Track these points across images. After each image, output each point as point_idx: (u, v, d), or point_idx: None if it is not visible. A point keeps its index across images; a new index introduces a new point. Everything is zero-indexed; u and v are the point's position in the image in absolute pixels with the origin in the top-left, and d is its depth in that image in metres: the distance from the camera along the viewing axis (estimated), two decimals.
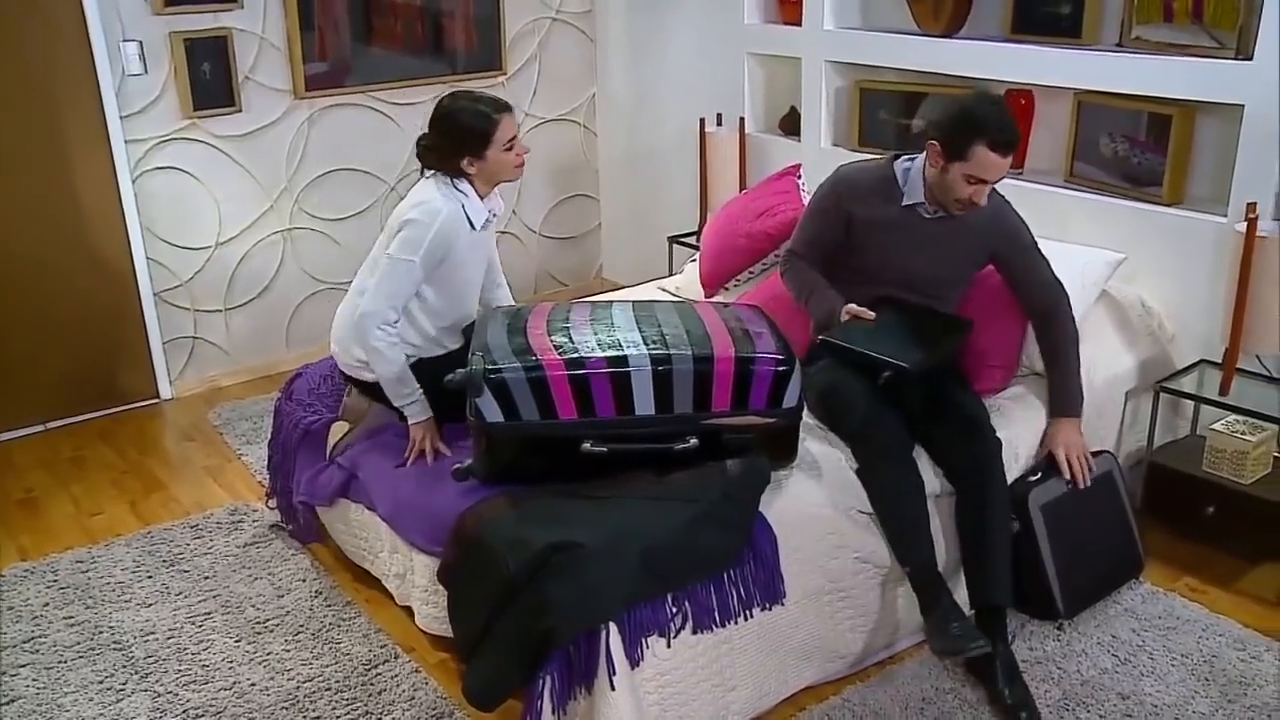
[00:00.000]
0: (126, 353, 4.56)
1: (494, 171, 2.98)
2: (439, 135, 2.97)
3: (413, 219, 2.91)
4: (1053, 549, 2.97)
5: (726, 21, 4.71)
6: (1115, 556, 3.15)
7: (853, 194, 3.08)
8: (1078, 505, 3.03)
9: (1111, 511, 3.16)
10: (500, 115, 2.93)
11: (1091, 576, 3.07)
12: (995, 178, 2.84)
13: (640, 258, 5.46)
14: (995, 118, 2.79)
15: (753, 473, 2.64)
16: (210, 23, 4.40)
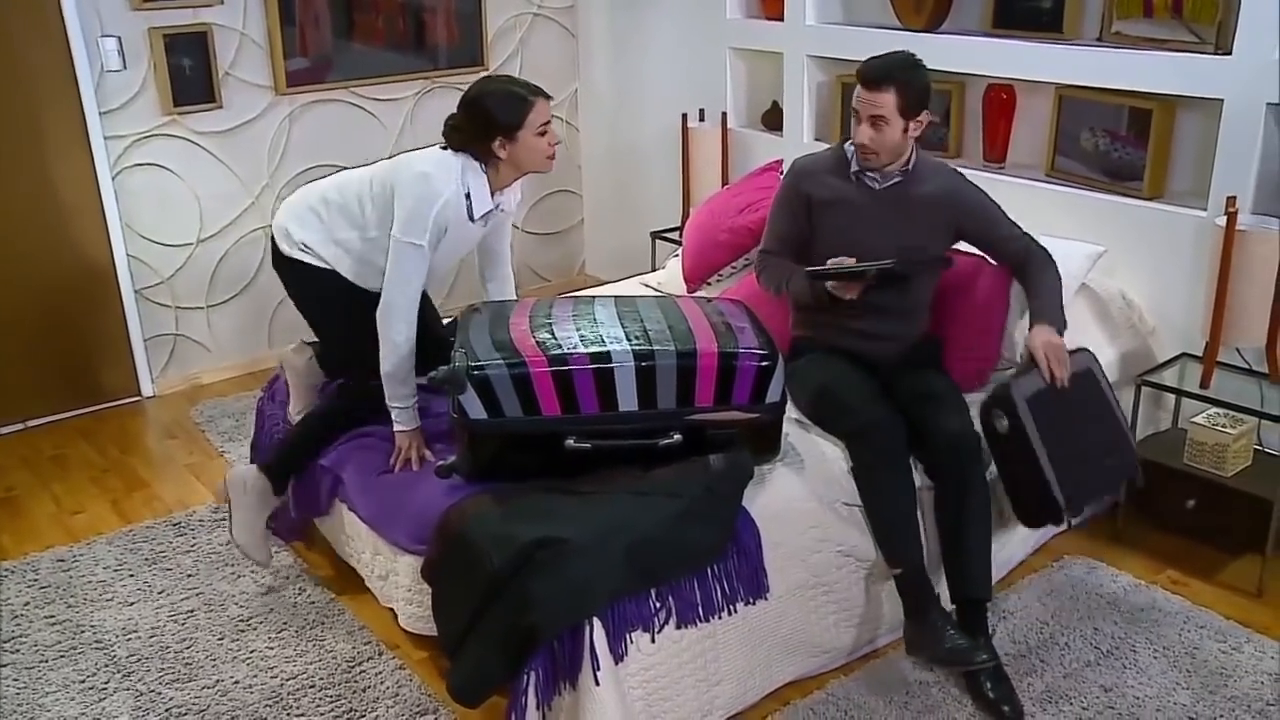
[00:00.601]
0: (108, 350, 4.53)
1: (524, 157, 2.90)
2: (470, 115, 2.88)
3: (414, 197, 2.84)
4: (1044, 440, 2.84)
5: (708, 16, 4.70)
6: (1109, 452, 3.01)
7: (808, 176, 3.13)
8: (1061, 399, 2.90)
9: (1097, 406, 3.03)
10: (535, 98, 2.87)
11: (1089, 471, 2.93)
12: (865, 110, 2.91)
13: (623, 253, 5.46)
14: (871, 59, 2.94)
15: (736, 468, 2.65)
16: (190, 18, 4.38)
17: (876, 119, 2.90)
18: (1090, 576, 3.21)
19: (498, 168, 2.93)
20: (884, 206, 3.03)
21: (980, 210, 3.09)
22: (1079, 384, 2.96)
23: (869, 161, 3.00)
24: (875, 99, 2.88)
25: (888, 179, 3.03)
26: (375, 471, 2.95)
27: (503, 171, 2.94)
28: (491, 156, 2.89)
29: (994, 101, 3.88)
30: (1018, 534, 3.23)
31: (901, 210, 3.03)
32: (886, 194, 3.04)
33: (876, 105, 2.89)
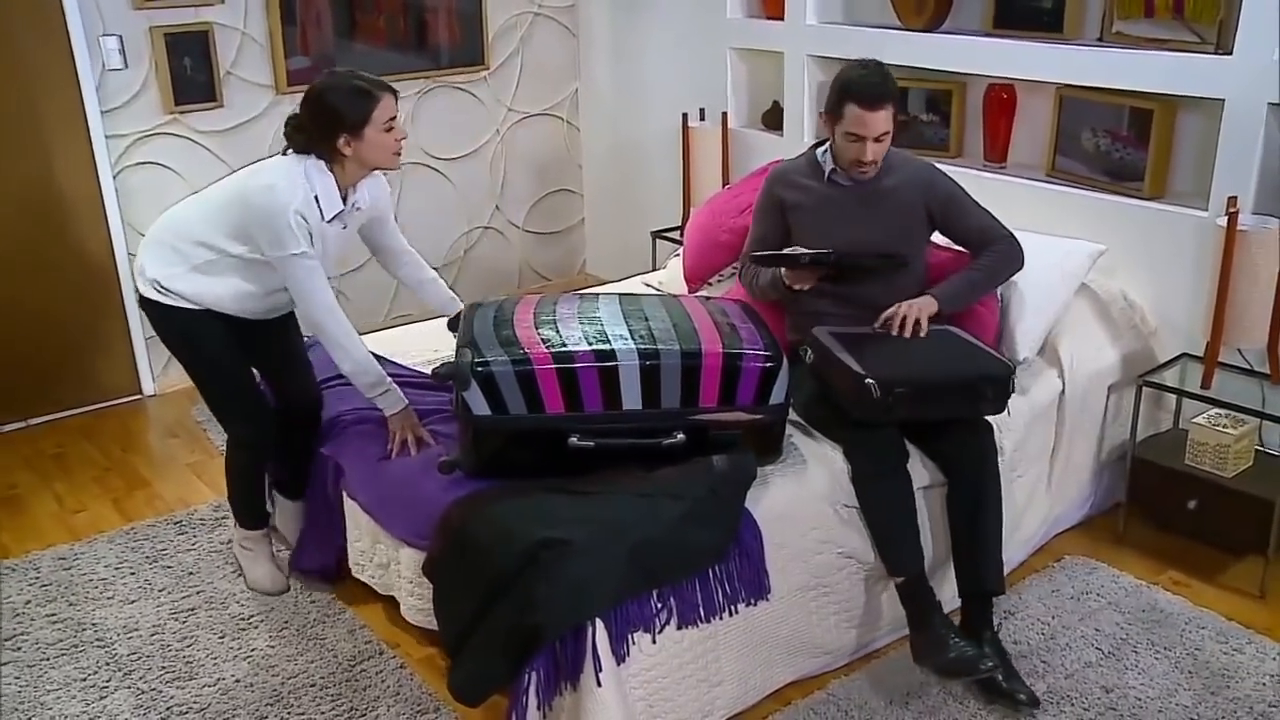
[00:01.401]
0: (108, 349, 4.53)
1: (371, 154, 2.79)
2: (314, 112, 2.77)
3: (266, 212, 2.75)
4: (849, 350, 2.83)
5: (709, 16, 4.70)
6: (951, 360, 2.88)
7: (783, 181, 3.20)
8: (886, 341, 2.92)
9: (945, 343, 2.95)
10: (382, 94, 2.77)
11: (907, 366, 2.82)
12: (871, 133, 2.92)
13: (623, 252, 5.46)
14: (860, 77, 2.92)
15: (739, 469, 2.64)
16: (191, 17, 4.38)
17: (881, 136, 2.95)
18: (1091, 577, 3.21)
19: (344, 165, 2.82)
20: (857, 202, 3.09)
21: (949, 199, 3.12)
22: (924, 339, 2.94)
23: (866, 174, 3.04)
24: (879, 118, 2.92)
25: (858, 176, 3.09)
26: (375, 458, 2.94)
27: (349, 169, 2.83)
28: (337, 154, 2.79)
29: (994, 101, 3.89)
30: (1019, 535, 3.23)
31: (874, 204, 3.08)
32: (857, 189, 3.09)
33: (881, 125, 2.93)
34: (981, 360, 2.87)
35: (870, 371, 2.73)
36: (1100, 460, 3.49)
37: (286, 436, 3.15)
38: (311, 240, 2.81)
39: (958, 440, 2.87)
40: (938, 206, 3.11)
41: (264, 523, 3.25)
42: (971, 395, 2.81)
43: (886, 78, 2.94)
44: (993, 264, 3.09)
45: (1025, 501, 3.25)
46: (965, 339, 2.98)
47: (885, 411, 2.74)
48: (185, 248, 2.93)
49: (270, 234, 2.78)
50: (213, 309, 2.95)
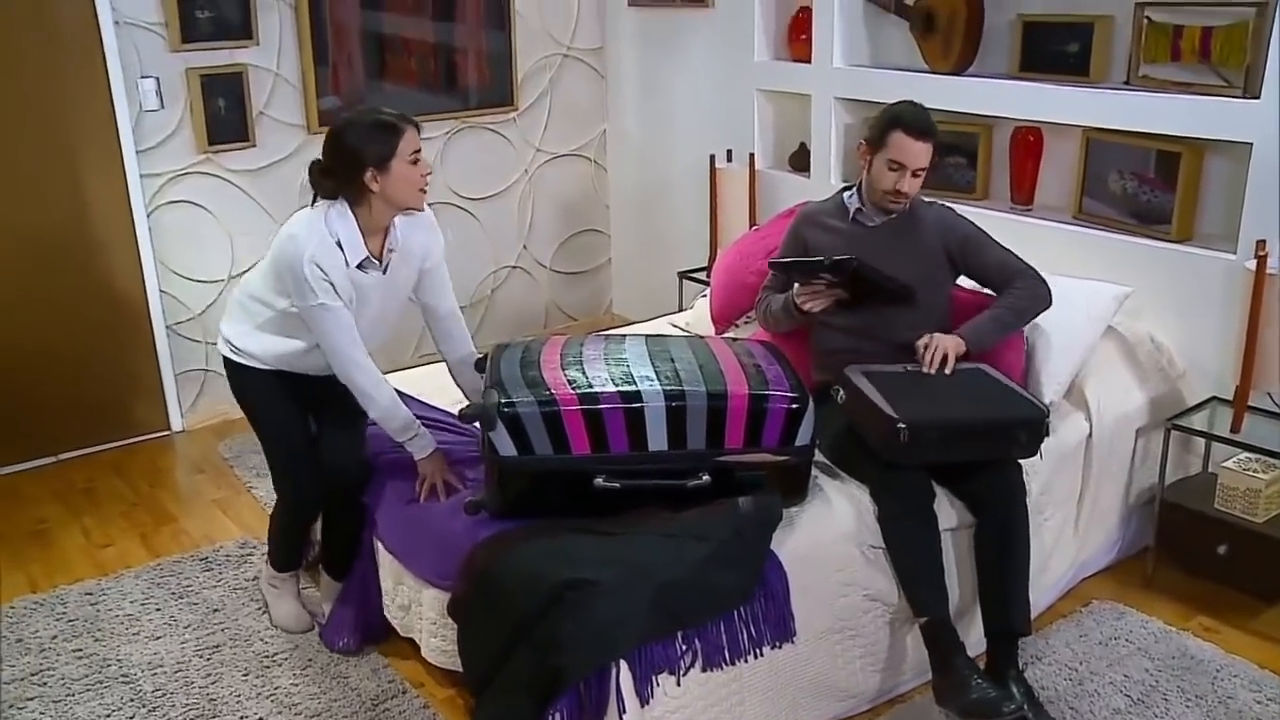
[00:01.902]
0: (139, 384, 4.58)
1: (397, 190, 2.73)
2: (337, 152, 2.74)
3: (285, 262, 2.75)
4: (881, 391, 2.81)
5: (737, 58, 4.74)
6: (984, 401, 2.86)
7: (810, 221, 3.28)
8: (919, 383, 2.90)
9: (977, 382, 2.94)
10: (405, 125, 2.73)
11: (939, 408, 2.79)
12: (914, 164, 3.01)
13: (650, 293, 5.48)
14: (910, 111, 3.04)
15: (764, 510, 2.64)
16: (226, 59, 4.46)
17: (919, 171, 3.04)
18: (1120, 622, 3.17)
19: (370, 205, 2.76)
20: (880, 241, 3.13)
21: (966, 238, 3.15)
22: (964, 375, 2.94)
23: (898, 205, 3.11)
24: (923, 151, 3.01)
25: (882, 216, 3.15)
26: (404, 500, 2.95)
27: (377, 210, 2.77)
28: (364, 192, 2.73)
29: (1021, 144, 3.90)
30: (1045, 578, 3.21)
31: (898, 244, 3.12)
32: (882, 229, 3.15)
33: (923, 158, 3.02)
34: (1015, 403, 2.85)
35: (902, 414, 2.71)
36: (1128, 504, 3.46)
37: (328, 505, 3.09)
38: (336, 290, 2.76)
39: (986, 478, 2.86)
40: (956, 247, 3.14)
41: (295, 566, 3.25)
42: (1004, 438, 2.80)
43: (928, 114, 3.06)
44: (1018, 302, 3.08)
45: (1052, 545, 3.22)
46: (998, 379, 2.96)
47: (915, 454, 2.73)
48: (249, 304, 2.99)
49: (294, 284, 2.76)
50: (278, 368, 2.98)
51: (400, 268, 2.93)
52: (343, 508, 3.06)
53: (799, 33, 4.49)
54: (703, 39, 4.94)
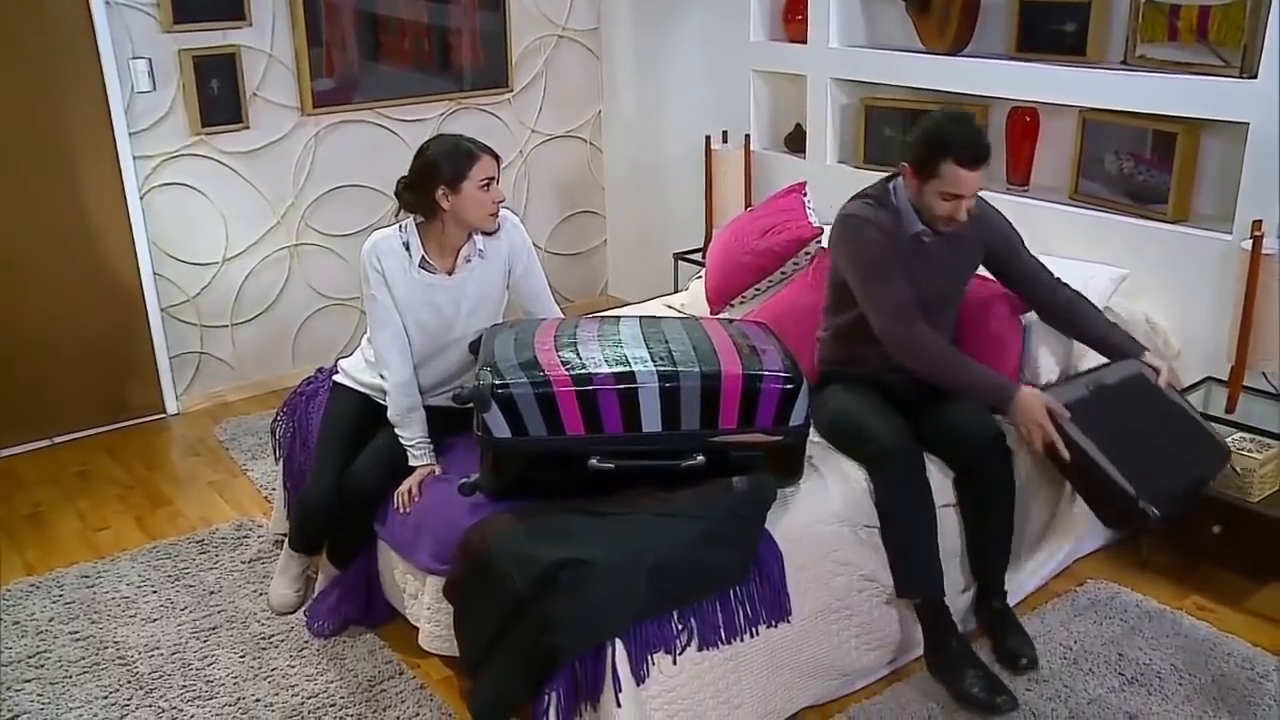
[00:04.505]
0: (133, 368, 4.57)
1: (467, 211, 2.90)
2: (418, 165, 2.95)
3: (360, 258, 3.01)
4: (1097, 443, 2.79)
5: (732, 39, 4.72)
6: (1184, 443, 2.94)
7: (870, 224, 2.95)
8: (1108, 403, 2.89)
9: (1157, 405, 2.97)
10: (482, 154, 2.92)
11: (1164, 465, 2.83)
12: (970, 191, 2.85)
13: (646, 274, 5.47)
14: (961, 134, 2.81)
15: (759, 490, 2.64)
16: (219, 40, 4.43)
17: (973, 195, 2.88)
18: (1114, 601, 3.18)
19: (443, 221, 2.94)
20: (936, 255, 2.99)
21: (1010, 239, 3.11)
22: (1128, 389, 2.96)
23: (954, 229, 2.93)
24: (979, 177, 2.83)
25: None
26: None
27: (448, 225, 2.95)
28: (436, 208, 2.92)
29: (1018, 124, 3.88)
30: (1040, 557, 3.22)
31: (949, 254, 3.01)
32: (937, 242, 2.99)
33: (980, 183, 2.85)
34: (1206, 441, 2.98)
35: (1140, 489, 2.73)
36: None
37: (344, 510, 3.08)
38: (388, 285, 2.95)
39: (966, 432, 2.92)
40: (998, 246, 3.08)
41: (299, 550, 3.25)
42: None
43: (982, 132, 2.88)
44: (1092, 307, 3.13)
45: (1047, 524, 3.23)
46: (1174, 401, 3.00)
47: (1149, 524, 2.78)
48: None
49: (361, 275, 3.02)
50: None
51: (479, 274, 3.05)
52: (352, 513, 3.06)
53: (795, 13, 4.47)
54: (698, 20, 4.92)
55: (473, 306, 3.06)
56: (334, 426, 3.14)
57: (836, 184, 4.30)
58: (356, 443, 3.07)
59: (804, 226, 3.79)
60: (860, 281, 2.94)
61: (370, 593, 3.14)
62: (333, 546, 3.15)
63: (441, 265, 3.00)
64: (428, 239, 2.99)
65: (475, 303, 3.06)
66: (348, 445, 3.08)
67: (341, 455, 3.06)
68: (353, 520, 3.05)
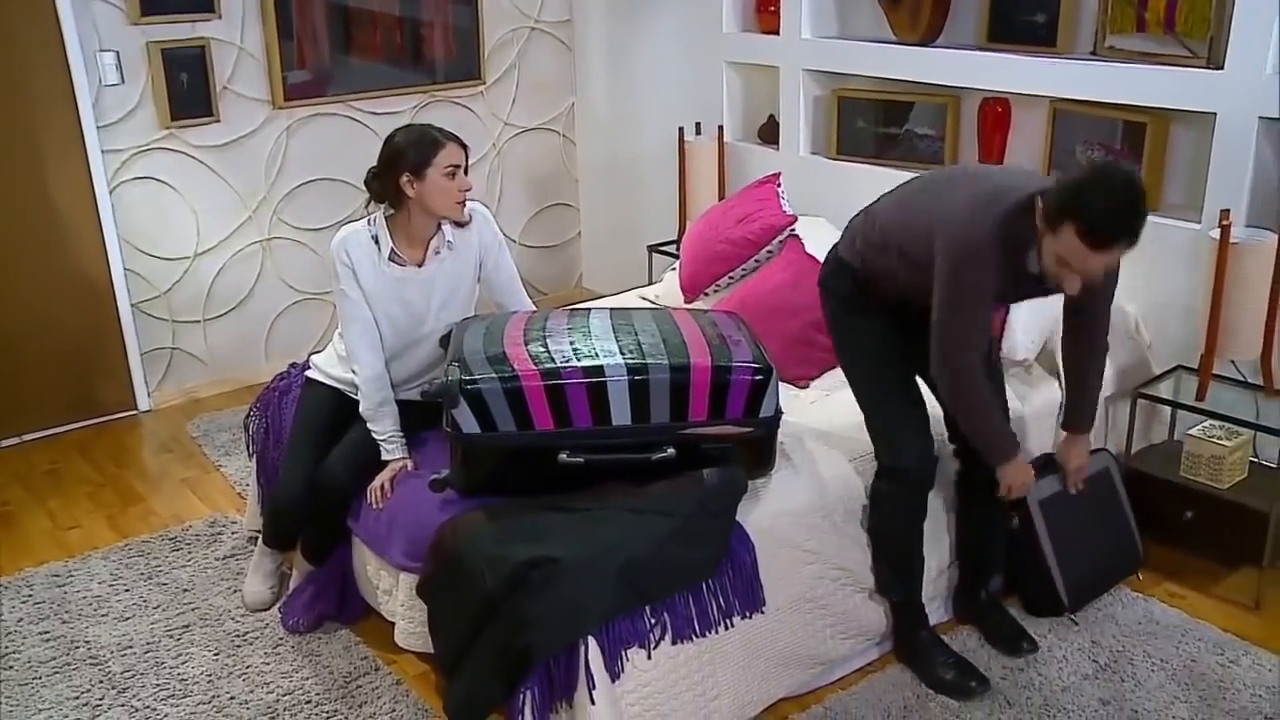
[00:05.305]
0: (104, 364, 4.53)
1: (432, 198, 2.89)
2: (384, 154, 2.94)
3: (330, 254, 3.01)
4: (1053, 543, 3.04)
5: (705, 30, 4.71)
6: (1114, 549, 3.21)
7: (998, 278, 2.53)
8: (1075, 500, 3.07)
9: (1109, 506, 3.21)
10: (447, 141, 2.91)
11: (1093, 569, 3.14)
12: (1084, 269, 2.35)
13: (620, 266, 5.46)
14: (1101, 202, 2.27)
15: (729, 483, 2.64)
16: (188, 33, 4.39)
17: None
18: None
19: (408, 210, 2.93)
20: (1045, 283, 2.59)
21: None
22: (1095, 482, 3.11)
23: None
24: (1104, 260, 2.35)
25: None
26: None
27: (415, 216, 2.94)
28: (402, 197, 2.91)
29: (989, 115, 3.89)
30: None
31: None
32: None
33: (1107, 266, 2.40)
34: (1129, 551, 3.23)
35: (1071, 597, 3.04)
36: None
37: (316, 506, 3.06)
38: (357, 279, 2.94)
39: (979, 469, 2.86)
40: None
41: (271, 546, 3.23)
42: None
43: (1136, 204, 2.29)
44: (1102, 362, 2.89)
45: None
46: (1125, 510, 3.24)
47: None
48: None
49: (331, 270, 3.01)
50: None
51: (449, 266, 3.04)
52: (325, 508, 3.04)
53: (767, 4, 4.46)
54: (670, 11, 4.90)
55: (444, 300, 3.05)
56: (306, 422, 3.12)
57: (810, 175, 4.32)
58: (329, 438, 3.06)
59: (777, 214, 3.80)
60: (945, 301, 2.53)
61: (345, 589, 3.13)
62: (306, 542, 3.14)
63: (411, 258, 2.99)
64: (396, 231, 2.98)
65: (446, 296, 3.05)
66: (320, 441, 3.07)
67: (314, 451, 3.05)
68: (326, 516, 3.04)
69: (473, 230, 3.07)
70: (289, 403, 3.28)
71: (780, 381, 2.76)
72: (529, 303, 3.23)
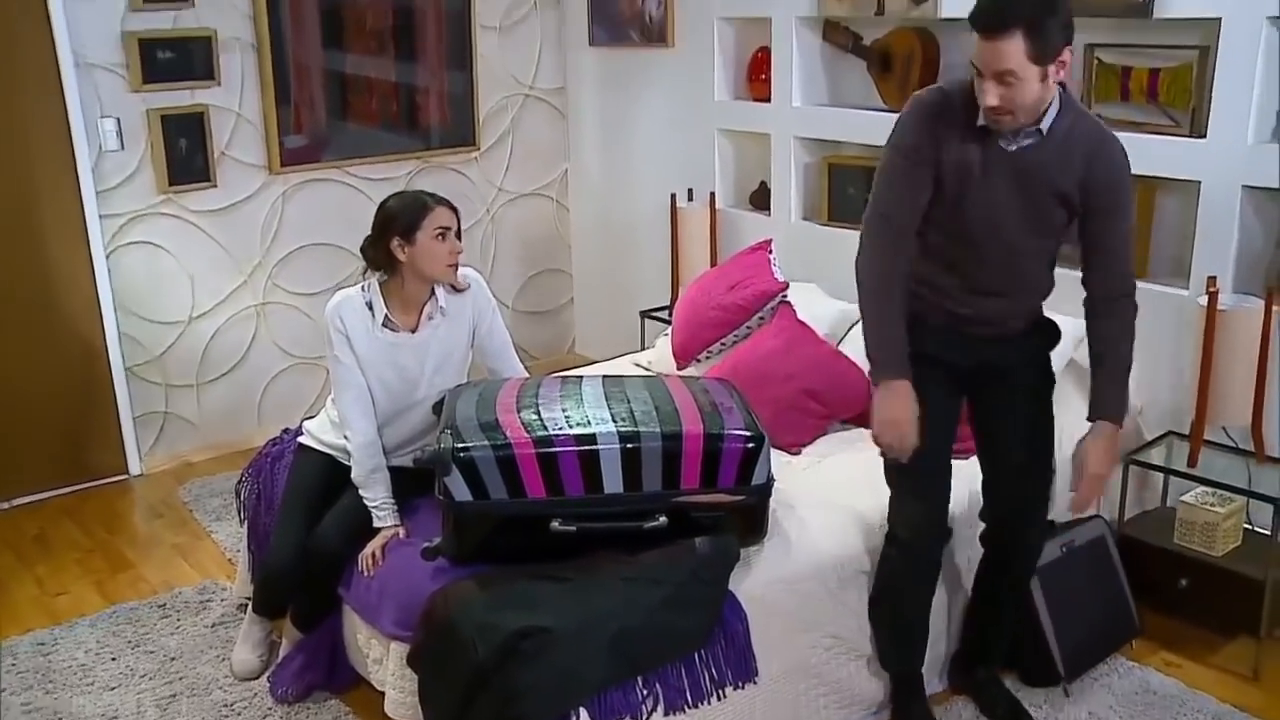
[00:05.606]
0: (97, 428, 4.52)
1: (423, 262, 2.92)
2: (376, 219, 2.98)
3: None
4: (1050, 612, 3.00)
5: (697, 98, 4.78)
6: (1111, 618, 3.19)
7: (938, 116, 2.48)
8: (1072, 567, 3.07)
9: (1104, 573, 3.19)
10: (436, 205, 2.95)
11: (1089, 638, 3.10)
12: (985, 68, 2.28)
13: (613, 332, 5.48)
14: (978, 3, 2.32)
15: (721, 551, 2.63)
16: (188, 100, 4.44)
17: (1003, 75, 2.27)
18: None
19: (401, 275, 2.96)
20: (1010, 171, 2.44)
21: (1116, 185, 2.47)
22: (1090, 549, 3.14)
23: (1002, 123, 2.37)
24: (997, 49, 2.24)
25: (1022, 140, 2.42)
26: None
27: (407, 279, 2.97)
28: (395, 262, 2.94)
29: None
30: None
31: (1027, 177, 2.44)
32: (1021, 156, 2.43)
33: (1000, 58, 2.24)
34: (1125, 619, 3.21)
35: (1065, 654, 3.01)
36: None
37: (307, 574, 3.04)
38: (351, 346, 2.96)
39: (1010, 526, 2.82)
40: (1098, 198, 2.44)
41: (261, 613, 3.21)
42: None
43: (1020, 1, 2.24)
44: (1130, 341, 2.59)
45: None
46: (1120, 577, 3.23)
47: None
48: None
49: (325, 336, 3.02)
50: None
51: (443, 332, 3.05)
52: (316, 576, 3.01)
53: (758, 72, 4.54)
54: (663, 79, 4.97)
55: (437, 365, 3.05)
56: (298, 488, 3.11)
57: (801, 242, 4.36)
58: (321, 505, 3.05)
59: (769, 281, 3.82)
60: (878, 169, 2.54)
61: (334, 658, 3.10)
62: (296, 610, 3.11)
63: (405, 323, 3.00)
64: (390, 296, 2.99)
65: (440, 361, 3.06)
66: (312, 507, 3.05)
67: (306, 517, 3.03)
68: (317, 584, 3.01)
69: (466, 296, 3.08)
70: (281, 469, 3.27)
71: (773, 448, 2.77)
72: (522, 369, 3.23)
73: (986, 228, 2.49)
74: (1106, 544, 3.22)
